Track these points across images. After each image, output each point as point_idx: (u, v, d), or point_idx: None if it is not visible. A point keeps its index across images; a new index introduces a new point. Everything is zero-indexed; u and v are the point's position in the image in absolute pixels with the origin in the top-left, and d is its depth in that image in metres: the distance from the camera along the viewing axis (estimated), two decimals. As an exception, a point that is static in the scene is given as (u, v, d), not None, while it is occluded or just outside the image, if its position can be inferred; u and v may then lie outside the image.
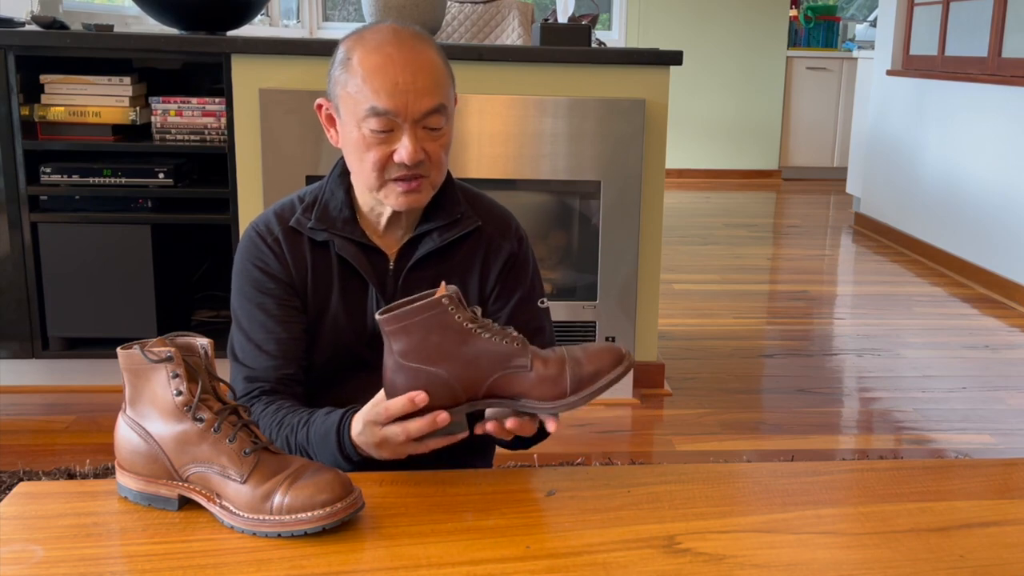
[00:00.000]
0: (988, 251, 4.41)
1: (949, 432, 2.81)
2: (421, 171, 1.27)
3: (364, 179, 1.30)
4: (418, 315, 1.05)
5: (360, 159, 1.28)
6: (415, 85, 1.23)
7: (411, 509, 1.06)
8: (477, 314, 1.08)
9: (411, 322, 1.05)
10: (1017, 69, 4.33)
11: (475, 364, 1.06)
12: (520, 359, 1.07)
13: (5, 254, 2.79)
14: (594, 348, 1.10)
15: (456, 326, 1.05)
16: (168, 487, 1.05)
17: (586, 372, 1.07)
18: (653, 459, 2.62)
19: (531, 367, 1.07)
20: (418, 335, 1.06)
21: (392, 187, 1.28)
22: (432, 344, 1.06)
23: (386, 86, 1.23)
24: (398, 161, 1.25)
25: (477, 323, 1.07)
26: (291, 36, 6.59)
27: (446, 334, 1.05)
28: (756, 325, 3.85)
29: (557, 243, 3.10)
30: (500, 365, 1.06)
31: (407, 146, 1.24)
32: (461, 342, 1.06)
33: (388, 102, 1.23)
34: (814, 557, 0.99)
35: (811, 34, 7.67)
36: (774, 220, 6.23)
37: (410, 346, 1.06)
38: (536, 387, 1.06)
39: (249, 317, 1.33)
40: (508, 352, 1.06)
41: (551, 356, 1.08)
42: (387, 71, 1.23)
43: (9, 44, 2.67)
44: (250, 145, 2.75)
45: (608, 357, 1.08)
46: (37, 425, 2.71)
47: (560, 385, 1.06)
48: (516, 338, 1.08)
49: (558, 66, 2.78)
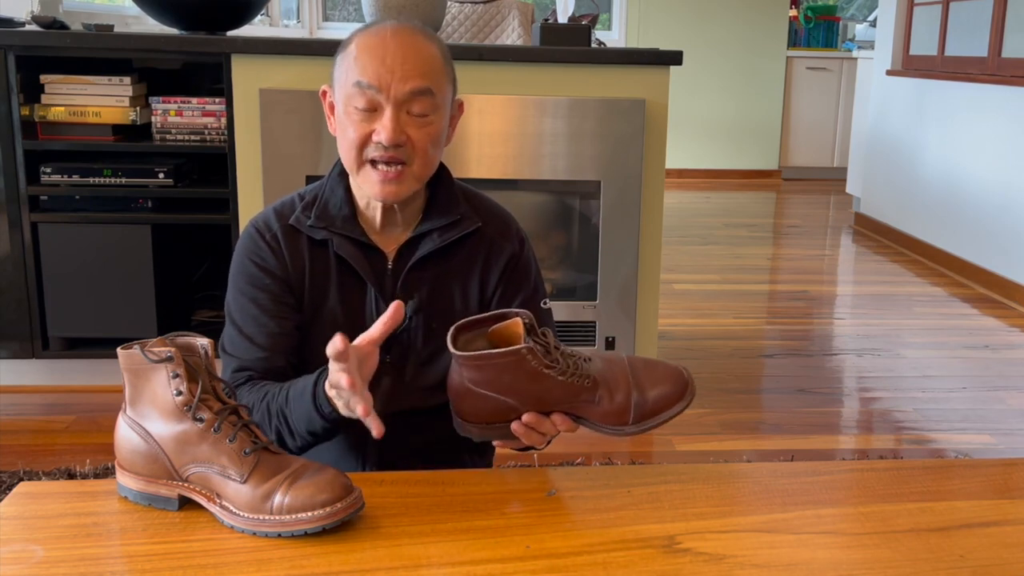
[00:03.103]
0: (988, 251, 4.41)
1: (949, 432, 2.81)
2: (401, 156, 1.26)
3: (345, 159, 1.30)
4: (498, 359, 1.06)
5: (343, 138, 1.28)
6: (403, 66, 1.23)
7: (411, 509, 1.06)
8: (549, 344, 1.09)
9: (489, 363, 1.07)
10: (1017, 69, 4.33)
11: (544, 399, 1.09)
12: (588, 396, 1.09)
13: (5, 254, 2.79)
14: (661, 374, 1.11)
15: (532, 371, 1.07)
16: (168, 487, 1.05)
17: (649, 408, 1.10)
18: (653, 459, 2.62)
19: (599, 401, 1.09)
20: (492, 373, 1.08)
21: (371, 172, 1.27)
22: (505, 382, 1.08)
23: (373, 63, 1.23)
24: (376, 140, 1.25)
25: (555, 367, 1.08)
26: (291, 36, 6.59)
27: (519, 374, 1.07)
28: (756, 325, 3.85)
29: (557, 243, 3.10)
30: (568, 401, 1.10)
31: (386, 124, 1.24)
32: (533, 381, 1.08)
33: (372, 77, 1.23)
34: (814, 557, 0.99)
35: (811, 34, 7.67)
36: (774, 220, 6.22)
37: (482, 379, 1.08)
38: (600, 416, 1.10)
39: (242, 311, 1.32)
40: (578, 390, 1.09)
41: (619, 387, 1.10)
42: (377, 50, 1.24)
43: (9, 44, 2.67)
44: (250, 145, 2.75)
45: (673, 391, 1.11)
46: (37, 425, 2.71)
47: (623, 417, 1.10)
48: (587, 376, 1.09)
49: (558, 66, 2.78)
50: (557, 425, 1.12)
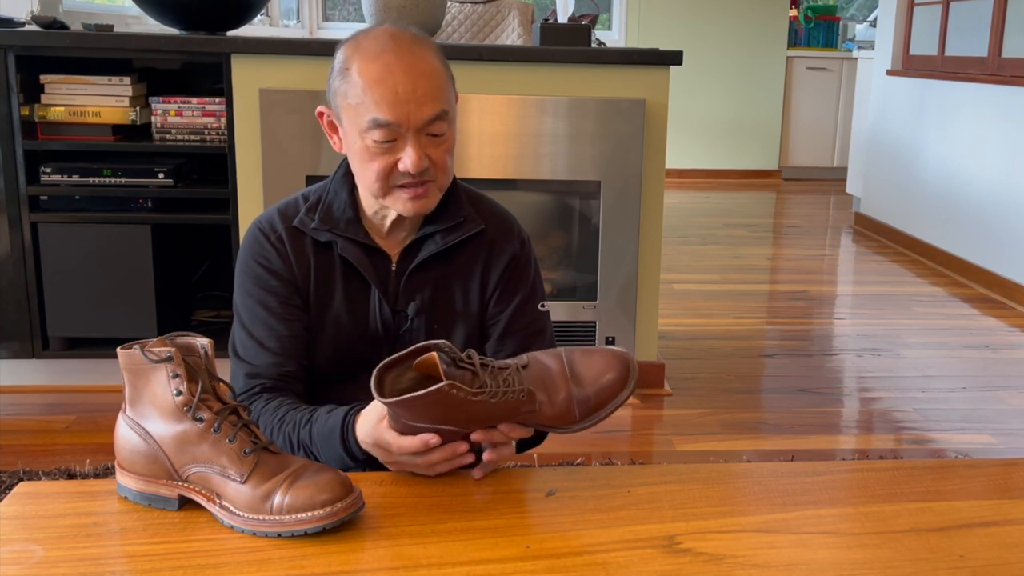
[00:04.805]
0: (988, 251, 4.41)
1: (949, 432, 2.81)
2: (427, 177, 1.27)
3: (369, 188, 1.29)
4: (421, 400, 1.04)
5: (365, 168, 1.27)
6: (416, 94, 1.22)
7: (411, 509, 1.06)
8: (476, 366, 1.06)
9: (415, 404, 1.05)
10: (1017, 69, 4.33)
11: (484, 419, 1.09)
12: (527, 407, 1.08)
13: (5, 254, 2.79)
14: (600, 364, 1.10)
15: (461, 401, 1.05)
16: (168, 487, 1.05)
17: (594, 402, 1.09)
18: (653, 459, 2.62)
19: (539, 408, 1.09)
20: (421, 410, 1.06)
21: (398, 194, 1.28)
22: (437, 415, 1.07)
23: (387, 97, 1.22)
24: (403, 170, 1.25)
25: (483, 391, 1.05)
26: (291, 36, 6.59)
27: (449, 407, 1.06)
28: (756, 325, 3.85)
29: (557, 243, 3.10)
30: (508, 416, 1.09)
31: (411, 156, 1.24)
32: (466, 408, 1.06)
33: (390, 113, 1.22)
34: (814, 557, 0.99)
35: (811, 34, 7.67)
36: (774, 220, 6.22)
37: (415, 416, 1.07)
38: (546, 420, 1.10)
39: (251, 314, 1.33)
40: (515, 404, 1.08)
41: (558, 388, 1.09)
42: (387, 81, 1.22)
43: (9, 44, 2.67)
44: (250, 145, 2.75)
45: (615, 379, 1.10)
46: (37, 425, 2.71)
47: (569, 417, 1.10)
48: (520, 390, 1.07)
49: (558, 66, 2.78)
50: (507, 433, 1.11)
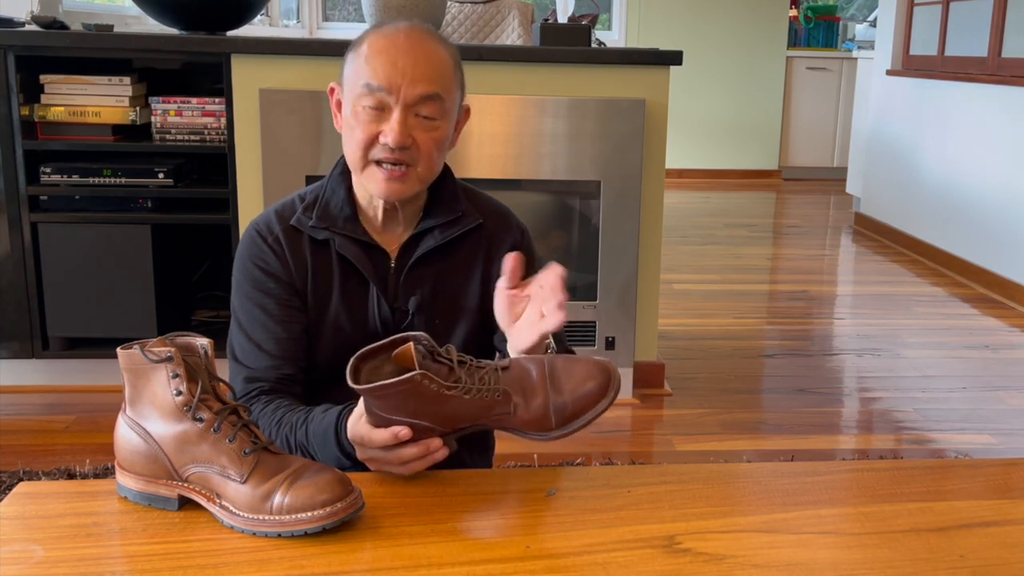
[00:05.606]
0: (988, 251, 4.41)
1: (949, 432, 2.81)
2: (406, 158, 1.27)
3: (350, 158, 1.30)
4: (393, 389, 1.04)
5: (350, 137, 1.28)
6: (414, 69, 1.24)
7: (411, 509, 1.06)
8: (453, 361, 1.06)
9: (387, 392, 1.04)
10: (1017, 69, 4.33)
11: (457, 417, 1.07)
12: (502, 408, 1.07)
13: (5, 254, 2.79)
14: (581, 373, 1.09)
15: (434, 394, 1.05)
16: (168, 487, 1.05)
17: (571, 411, 1.08)
18: (653, 459, 2.62)
19: (514, 410, 1.07)
20: (396, 400, 1.05)
21: (375, 171, 1.28)
22: (411, 407, 1.06)
23: (384, 65, 1.24)
24: (383, 142, 1.25)
25: (456, 386, 1.05)
26: (291, 36, 6.59)
27: (422, 400, 1.05)
28: (756, 325, 3.85)
29: (557, 243, 3.10)
30: (482, 416, 1.07)
31: (394, 127, 1.24)
32: (439, 403, 1.05)
33: (382, 79, 1.24)
34: (814, 557, 0.99)
35: (811, 34, 7.67)
36: (774, 220, 6.22)
37: (389, 407, 1.06)
38: (520, 424, 1.08)
39: (249, 316, 1.33)
40: (490, 404, 1.07)
41: (535, 393, 1.07)
42: (389, 52, 1.25)
43: (9, 44, 2.67)
44: (250, 145, 2.75)
45: (595, 388, 1.08)
46: (37, 425, 2.71)
47: (544, 423, 1.08)
48: (496, 390, 1.06)
49: (558, 66, 2.78)
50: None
